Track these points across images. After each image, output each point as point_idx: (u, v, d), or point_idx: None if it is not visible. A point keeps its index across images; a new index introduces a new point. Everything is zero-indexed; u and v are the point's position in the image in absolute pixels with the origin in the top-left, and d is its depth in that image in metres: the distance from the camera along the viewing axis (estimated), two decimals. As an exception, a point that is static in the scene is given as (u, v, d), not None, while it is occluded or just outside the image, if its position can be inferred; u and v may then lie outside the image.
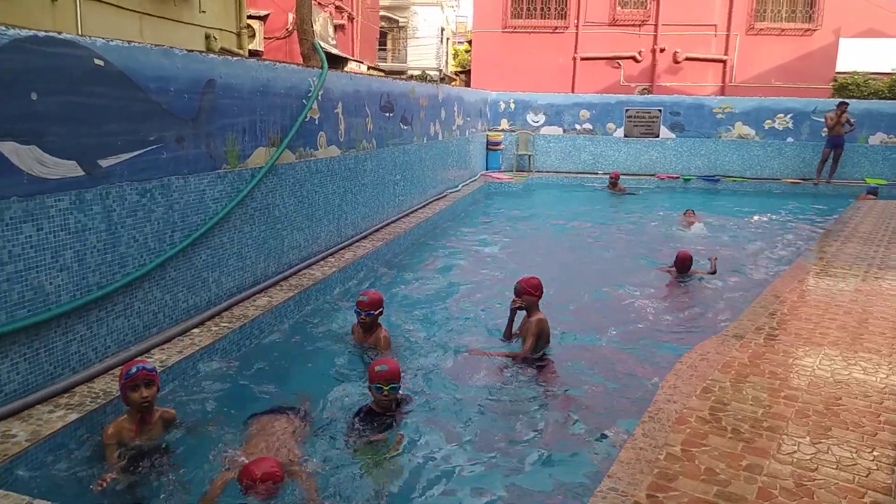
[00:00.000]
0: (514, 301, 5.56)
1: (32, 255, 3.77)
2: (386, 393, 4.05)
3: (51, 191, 3.84)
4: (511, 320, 5.71)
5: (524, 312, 5.57)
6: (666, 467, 3.34)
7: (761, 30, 21.05)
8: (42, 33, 3.71)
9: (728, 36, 21.20)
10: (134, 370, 3.68)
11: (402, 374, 4.29)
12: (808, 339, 5.32)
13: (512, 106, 17.96)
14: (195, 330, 5.11)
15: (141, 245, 4.62)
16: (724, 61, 21.30)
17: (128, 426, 3.72)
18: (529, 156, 17.78)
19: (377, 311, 5.33)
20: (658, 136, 17.33)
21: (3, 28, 3.47)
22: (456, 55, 47.67)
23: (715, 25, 21.24)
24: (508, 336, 5.74)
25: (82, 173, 4.05)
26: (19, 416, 3.63)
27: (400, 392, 4.24)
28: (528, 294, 5.47)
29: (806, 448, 3.57)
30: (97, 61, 4.10)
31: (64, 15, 9.07)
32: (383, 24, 36.06)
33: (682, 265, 7.98)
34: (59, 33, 3.83)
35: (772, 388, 4.40)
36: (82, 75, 4.00)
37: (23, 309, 3.73)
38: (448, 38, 45.56)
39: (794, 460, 3.45)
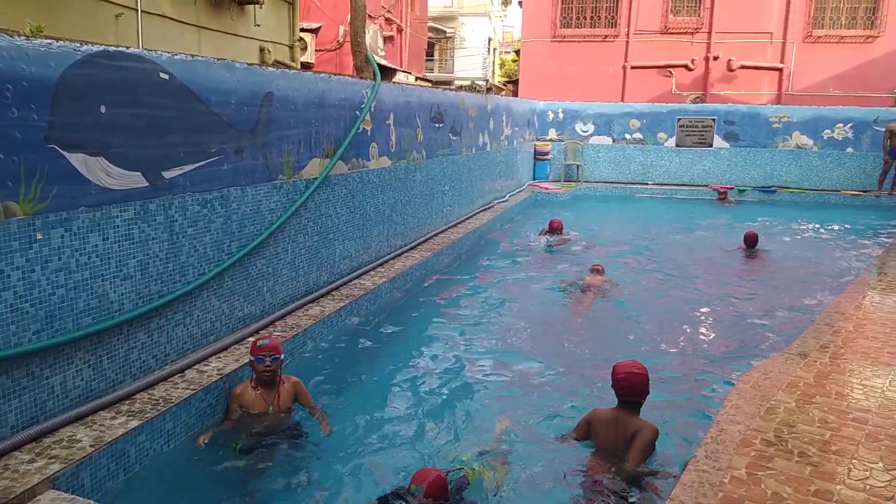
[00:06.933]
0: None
1: (98, 265, 3.87)
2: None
3: (116, 201, 3.94)
4: None
5: None
6: (731, 491, 3.22)
7: (819, 37, 20.46)
8: (112, 48, 3.81)
9: (784, 43, 20.66)
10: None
11: None
12: (876, 359, 5.10)
13: (560, 115, 17.83)
14: (250, 339, 5.17)
15: (200, 255, 4.71)
16: (780, 69, 20.74)
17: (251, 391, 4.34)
18: (578, 166, 17.62)
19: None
20: (711, 146, 16.98)
21: (77, 45, 3.58)
22: (502, 65, 47.65)
23: (771, 33, 20.72)
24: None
25: (146, 184, 4.15)
26: (84, 421, 3.72)
27: None
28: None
29: (879, 474, 3.41)
30: (162, 75, 4.20)
31: (126, 28, 9.37)
32: (431, 34, 36.25)
33: (750, 242, 9.88)
34: (128, 48, 3.93)
35: (839, 410, 4.23)
36: (148, 89, 4.10)
37: (88, 316, 3.82)
38: (495, 49, 45.58)
39: (867, 487, 3.29)
